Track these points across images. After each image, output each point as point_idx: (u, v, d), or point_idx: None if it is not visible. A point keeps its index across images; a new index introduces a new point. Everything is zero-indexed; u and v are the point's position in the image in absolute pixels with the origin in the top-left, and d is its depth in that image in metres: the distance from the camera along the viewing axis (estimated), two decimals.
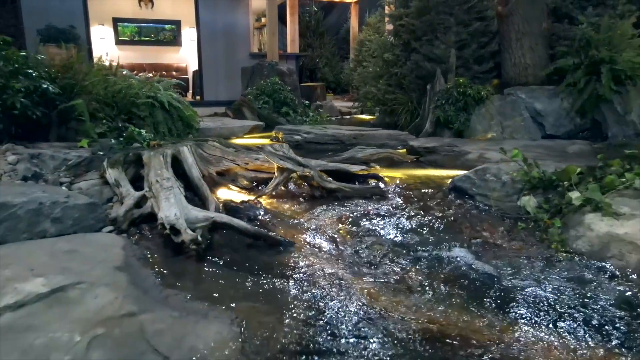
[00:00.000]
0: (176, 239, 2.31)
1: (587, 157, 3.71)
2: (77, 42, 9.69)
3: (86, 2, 9.92)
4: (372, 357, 1.49)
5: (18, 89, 3.19)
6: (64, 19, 9.57)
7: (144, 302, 1.70)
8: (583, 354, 1.52)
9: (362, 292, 1.91)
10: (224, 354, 1.48)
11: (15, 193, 2.41)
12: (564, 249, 2.37)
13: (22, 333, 1.43)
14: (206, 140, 3.60)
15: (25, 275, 1.75)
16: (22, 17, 9.46)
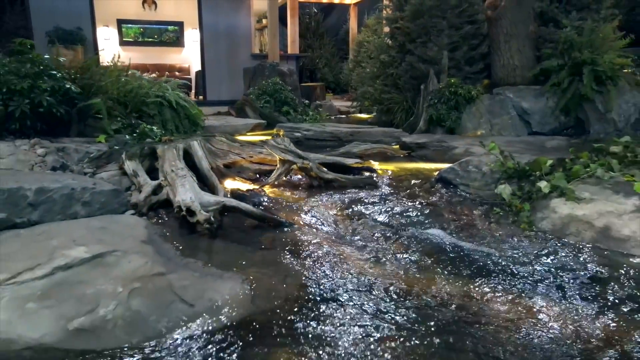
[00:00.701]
0: (191, 219, 2.66)
1: (563, 151, 4.07)
2: (84, 44, 10.07)
3: (92, 4, 10.27)
4: (358, 306, 1.85)
5: (44, 89, 3.55)
6: (71, 20, 9.92)
7: (169, 265, 2.05)
8: (533, 303, 1.86)
9: (351, 261, 2.27)
10: (237, 303, 1.83)
11: (49, 180, 2.77)
12: (530, 228, 2.73)
13: (75, 285, 1.79)
14: (214, 136, 3.96)
15: (69, 244, 2.10)
16: (30, 19, 9.81)
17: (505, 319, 1.76)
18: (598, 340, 1.61)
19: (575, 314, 1.79)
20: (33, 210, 2.58)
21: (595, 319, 1.76)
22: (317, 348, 1.57)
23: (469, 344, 1.60)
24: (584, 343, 1.60)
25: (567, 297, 1.93)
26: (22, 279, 1.77)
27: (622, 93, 5.52)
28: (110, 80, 4.48)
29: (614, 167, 3.06)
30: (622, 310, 1.82)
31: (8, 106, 3.42)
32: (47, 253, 1.99)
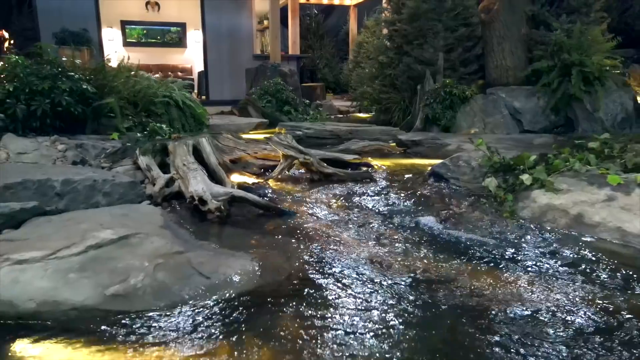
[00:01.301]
0: (203, 208, 2.95)
1: (549, 147, 4.35)
2: (89, 45, 10.35)
3: (98, 6, 10.56)
4: (353, 278, 2.12)
5: (63, 89, 3.83)
6: (78, 22, 10.20)
7: (187, 246, 2.33)
8: (503, 275, 2.14)
9: (348, 243, 2.54)
10: (247, 277, 2.11)
11: (73, 172, 3.05)
12: (512, 216, 3.00)
13: (107, 261, 2.06)
14: (220, 133, 4.24)
15: (97, 228, 2.38)
16: (38, 21, 10.10)
17: (477, 285, 2.03)
18: (554, 300, 1.89)
19: (534, 280, 2.07)
20: (60, 200, 2.87)
21: (557, 285, 2.03)
22: (316, 311, 1.84)
23: (443, 300, 1.87)
24: (542, 303, 1.87)
25: (533, 271, 2.20)
26: (61, 255, 2.05)
27: (610, 93, 5.81)
28: (122, 81, 4.75)
29: (591, 162, 3.33)
30: (578, 280, 2.10)
31: (30, 105, 3.70)
32: (79, 235, 2.27)
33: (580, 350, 1.59)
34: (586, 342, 1.64)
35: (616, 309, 1.86)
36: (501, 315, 1.82)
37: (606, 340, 1.65)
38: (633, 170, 3.15)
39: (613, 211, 2.75)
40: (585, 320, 1.78)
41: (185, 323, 1.76)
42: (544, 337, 1.67)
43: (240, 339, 1.67)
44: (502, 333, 1.70)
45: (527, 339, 1.66)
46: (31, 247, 2.11)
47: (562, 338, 1.67)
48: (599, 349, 1.60)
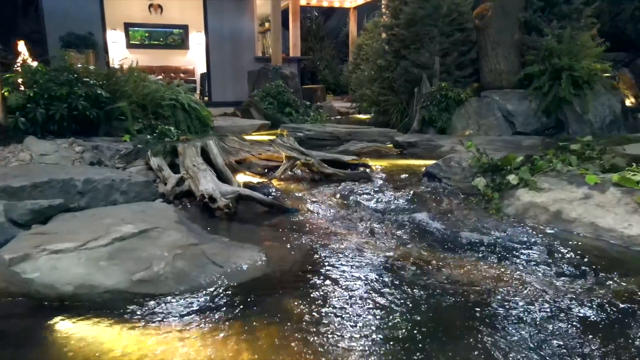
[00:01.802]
0: (213, 205, 3.21)
1: (536, 149, 4.62)
2: (95, 48, 10.63)
3: (103, 10, 10.84)
4: (351, 267, 2.39)
5: (80, 95, 4.10)
6: (83, 26, 10.47)
7: (200, 239, 2.60)
8: (485, 264, 2.40)
9: (346, 237, 2.81)
10: (255, 266, 2.38)
11: (93, 172, 3.32)
12: (498, 213, 3.27)
13: (131, 251, 2.33)
14: (226, 136, 4.51)
15: (119, 222, 2.64)
16: (44, 24, 10.37)
17: (459, 272, 2.30)
18: (527, 284, 2.15)
19: (513, 270, 2.33)
20: (82, 197, 3.14)
21: (533, 274, 2.30)
22: (316, 294, 2.11)
23: (429, 283, 2.14)
24: (516, 286, 2.13)
25: (509, 261, 2.47)
26: (91, 246, 2.31)
27: (598, 96, 6.07)
28: (132, 86, 5.01)
29: (572, 163, 3.61)
30: (550, 266, 2.37)
31: (49, 110, 3.97)
32: (104, 229, 2.54)
33: (539, 323, 1.86)
34: (543, 317, 1.90)
35: (574, 293, 2.13)
36: (476, 295, 2.09)
37: (559, 314, 1.92)
38: (610, 170, 3.42)
39: (589, 208, 3.02)
40: (545, 302, 2.04)
41: (203, 304, 2.03)
42: (508, 312, 1.93)
43: (250, 318, 1.94)
44: (475, 309, 1.96)
45: (496, 314, 1.93)
46: (63, 239, 2.38)
47: (522, 311, 1.93)
48: (555, 321, 1.86)
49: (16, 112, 3.92)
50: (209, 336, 1.82)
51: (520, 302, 2.04)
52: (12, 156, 3.52)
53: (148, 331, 1.85)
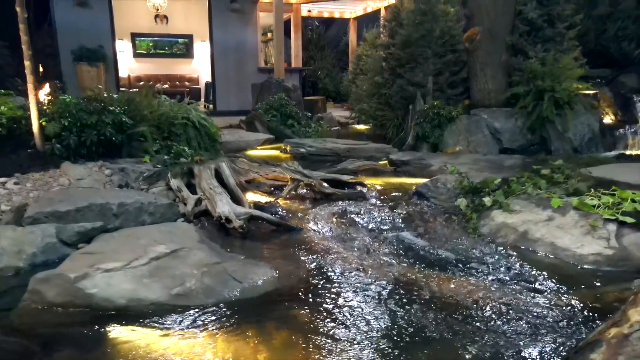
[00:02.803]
0: (229, 226, 3.75)
1: (517, 169, 5.15)
2: (105, 60, 11.19)
3: (113, 24, 11.37)
4: (348, 281, 2.93)
5: (107, 122, 4.64)
6: (94, 39, 11.01)
7: (221, 257, 3.14)
8: (459, 278, 2.93)
9: (344, 255, 3.35)
10: (268, 282, 2.91)
11: (124, 196, 3.86)
12: (474, 232, 3.81)
13: (166, 269, 2.87)
14: (237, 157, 5.05)
15: (152, 243, 3.18)
16: (57, 38, 10.91)
17: (436, 285, 2.83)
18: (492, 297, 2.68)
19: (481, 283, 2.87)
20: (116, 219, 3.68)
21: (497, 289, 2.83)
22: (319, 305, 2.65)
23: (413, 295, 2.67)
24: (483, 297, 2.67)
25: (480, 274, 3.01)
26: (134, 265, 2.85)
27: (578, 116, 6.61)
28: (150, 110, 5.55)
29: (541, 186, 4.14)
30: (513, 281, 2.90)
31: (81, 137, 4.51)
32: (141, 249, 3.08)
33: (495, 323, 2.39)
34: (498, 319, 2.44)
35: (524, 301, 2.67)
36: (450, 305, 2.63)
37: (510, 315, 2.45)
38: (573, 194, 3.95)
39: (550, 229, 3.56)
40: (501, 307, 2.58)
41: (228, 314, 2.57)
42: (476, 317, 2.47)
43: (265, 324, 2.48)
44: (449, 317, 2.50)
45: (465, 319, 2.46)
46: (110, 259, 2.92)
47: (486, 317, 2.47)
48: (505, 320, 2.40)
49: (52, 139, 4.45)
50: (233, 338, 2.36)
51: (481, 309, 2.58)
52: (53, 181, 4.06)
53: (185, 335, 2.39)
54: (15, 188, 3.86)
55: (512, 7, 7.00)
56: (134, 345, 2.29)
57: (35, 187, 3.93)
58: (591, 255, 3.23)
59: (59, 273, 2.71)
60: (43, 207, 3.49)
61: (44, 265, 3.12)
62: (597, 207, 3.59)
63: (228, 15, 11.74)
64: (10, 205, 3.57)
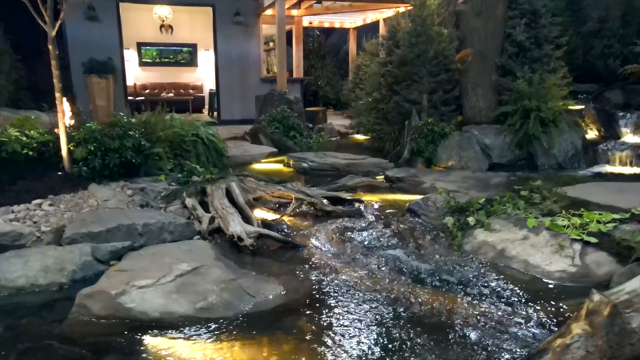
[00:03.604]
0: (240, 244, 4.26)
1: (501, 188, 5.66)
2: (114, 72, 11.70)
3: (121, 36, 11.86)
4: (347, 293, 3.43)
5: (128, 146, 5.14)
6: (103, 51, 11.50)
7: (236, 274, 3.65)
8: (442, 290, 3.44)
9: (342, 270, 3.86)
10: (278, 296, 3.42)
11: (147, 217, 4.37)
12: (459, 250, 4.31)
13: (190, 285, 3.38)
14: (246, 176, 5.56)
15: (176, 261, 3.69)
16: (68, 51, 11.41)
17: (421, 298, 3.33)
18: (468, 309, 3.18)
19: (460, 297, 3.37)
20: (141, 237, 4.19)
21: (474, 302, 3.34)
22: (323, 316, 3.16)
23: (401, 306, 3.18)
24: (460, 309, 3.17)
25: (460, 288, 3.52)
26: (162, 282, 3.36)
27: (562, 133, 7.12)
28: (163, 129, 6.05)
29: (520, 207, 4.64)
30: (488, 295, 3.40)
31: (105, 160, 5.02)
32: (167, 267, 3.59)
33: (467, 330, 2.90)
34: (473, 329, 2.95)
35: (493, 312, 3.17)
36: (433, 315, 3.13)
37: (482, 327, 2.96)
38: (547, 214, 4.46)
39: (525, 247, 4.06)
40: (478, 319, 3.09)
41: (244, 325, 3.08)
42: (453, 326, 2.98)
43: (276, 333, 2.98)
44: (431, 326, 3.01)
45: (444, 327, 2.97)
46: (141, 276, 3.42)
47: (461, 326, 2.98)
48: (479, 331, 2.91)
49: (79, 162, 4.96)
50: (248, 345, 2.87)
51: (458, 319, 3.09)
52: (82, 202, 4.56)
53: (209, 343, 2.90)
54: (50, 209, 4.36)
55: (502, 30, 7.51)
56: (168, 352, 2.80)
57: (68, 208, 4.44)
58: (557, 272, 3.74)
59: (102, 290, 3.22)
60: (78, 228, 4.00)
61: (83, 280, 3.63)
62: (567, 228, 4.10)
63: (232, 28, 12.24)
64: (49, 226, 4.08)
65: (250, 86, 12.65)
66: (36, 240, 3.89)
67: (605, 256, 3.77)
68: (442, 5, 8.04)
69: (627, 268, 3.51)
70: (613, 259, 3.73)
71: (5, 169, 4.82)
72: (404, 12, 10.93)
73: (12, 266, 3.55)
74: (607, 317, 2.49)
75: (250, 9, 12.28)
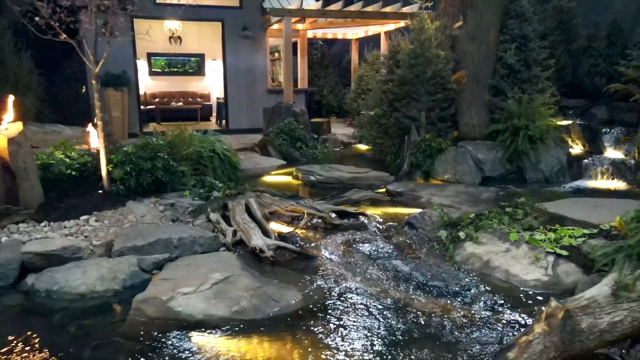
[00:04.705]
0: (262, 255, 4.98)
1: (490, 203, 6.39)
2: (128, 85, 12.42)
3: (135, 50, 12.56)
4: (355, 297, 4.16)
5: (159, 167, 5.86)
6: (118, 64, 12.18)
7: (261, 282, 4.37)
8: (439, 300, 4.15)
9: (349, 278, 4.58)
10: (298, 300, 4.14)
11: (180, 231, 5.09)
12: (450, 260, 5.04)
13: (224, 292, 4.10)
14: (262, 192, 6.28)
15: (210, 271, 4.41)
16: (85, 65, 12.08)
17: (416, 302, 4.05)
18: (455, 312, 3.90)
19: (448, 301, 4.09)
20: (176, 250, 4.91)
21: (460, 306, 4.05)
22: (336, 317, 3.88)
23: (399, 309, 3.89)
24: (448, 312, 3.88)
25: (450, 294, 4.23)
26: (201, 289, 4.08)
27: (549, 149, 7.84)
28: (187, 151, 6.76)
29: (504, 222, 5.37)
30: (472, 300, 4.12)
31: (139, 179, 5.74)
32: (203, 276, 4.31)
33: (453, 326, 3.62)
34: (457, 328, 3.67)
35: (481, 316, 3.89)
36: (426, 315, 3.85)
37: (465, 326, 3.68)
38: (528, 229, 5.18)
39: (507, 259, 4.78)
40: (462, 320, 3.80)
41: (271, 325, 3.80)
42: (441, 325, 3.70)
43: (297, 332, 3.70)
44: (424, 324, 3.73)
45: (434, 326, 3.69)
46: (183, 284, 4.15)
47: (448, 325, 3.69)
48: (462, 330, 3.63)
49: (117, 181, 5.69)
50: (275, 341, 3.59)
51: (446, 320, 3.81)
52: (123, 218, 5.29)
53: (243, 340, 3.62)
54: (97, 225, 5.08)
55: (494, 53, 8.23)
56: (211, 347, 3.52)
57: (111, 223, 5.16)
58: (532, 280, 4.46)
59: (153, 296, 3.95)
60: (124, 242, 4.73)
61: (131, 287, 4.35)
62: (543, 242, 4.82)
63: (240, 41, 12.95)
64: (99, 240, 4.80)
65: (257, 97, 13.37)
66: (90, 253, 4.61)
67: (573, 267, 4.50)
68: (439, 29, 8.75)
69: (590, 278, 4.23)
70: (580, 270, 4.45)
71: (53, 188, 5.53)
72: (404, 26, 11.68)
73: (73, 275, 4.28)
74: (561, 319, 3.22)
75: (257, 23, 12.99)
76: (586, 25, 10.78)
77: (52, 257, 4.43)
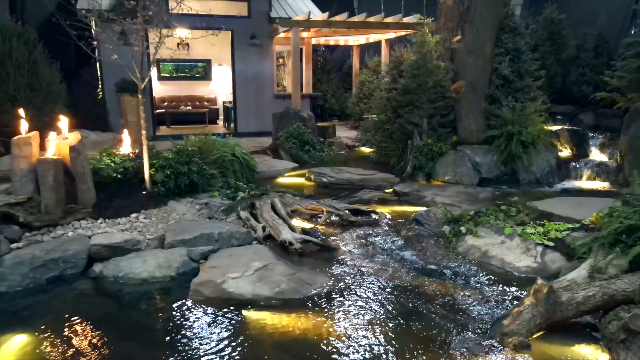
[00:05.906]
0: (290, 248, 5.82)
1: (487, 202, 7.27)
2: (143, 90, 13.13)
3: (149, 58, 13.30)
4: (373, 285, 5.00)
5: (193, 170, 6.68)
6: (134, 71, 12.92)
7: (294, 269, 5.20)
8: (445, 283, 5.00)
9: (366, 267, 5.43)
10: (327, 284, 4.98)
11: (219, 227, 5.92)
12: (453, 251, 5.90)
13: (266, 277, 4.93)
14: (284, 192, 7.12)
15: (250, 261, 5.24)
16: (102, 72, 12.88)
17: (425, 286, 4.90)
18: (458, 292, 4.75)
19: (452, 284, 4.94)
20: (216, 243, 5.74)
21: (463, 287, 4.91)
22: (359, 297, 4.72)
23: (410, 292, 4.74)
24: (453, 292, 4.73)
25: (453, 279, 5.09)
26: (246, 275, 4.91)
27: (540, 153, 8.74)
28: (215, 156, 7.59)
29: (500, 218, 6.25)
30: (473, 283, 4.98)
31: (177, 181, 6.56)
32: (245, 265, 5.14)
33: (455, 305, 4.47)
34: (461, 304, 4.52)
35: (481, 295, 4.75)
36: (434, 296, 4.71)
37: (468, 303, 4.54)
38: (520, 224, 6.06)
39: (502, 249, 5.66)
40: (465, 298, 4.66)
41: (306, 304, 4.64)
42: (447, 303, 4.55)
43: (329, 308, 4.54)
44: (433, 303, 4.58)
45: (441, 303, 4.54)
46: (230, 270, 4.98)
47: (453, 303, 4.55)
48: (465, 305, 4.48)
49: (158, 184, 6.51)
50: (312, 315, 4.43)
51: (451, 298, 4.67)
52: (167, 215, 6.10)
53: (284, 315, 4.45)
54: (146, 221, 5.90)
55: (490, 65, 9.12)
56: (259, 320, 4.36)
57: (158, 220, 5.98)
58: (524, 267, 5.34)
59: (209, 279, 4.78)
60: (174, 236, 5.55)
61: (183, 274, 5.18)
62: (533, 234, 5.71)
63: (248, 49, 13.77)
64: (151, 234, 5.62)
65: (264, 101, 14.20)
66: (146, 245, 5.43)
67: (558, 256, 5.38)
68: (440, 42, 9.63)
69: (571, 264, 5.11)
70: (564, 258, 5.34)
71: (102, 190, 6.34)
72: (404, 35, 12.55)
73: (135, 264, 5.10)
74: (546, 294, 4.09)
75: (265, 32, 13.82)
76: (575, 35, 11.70)
77: (116, 248, 5.25)
